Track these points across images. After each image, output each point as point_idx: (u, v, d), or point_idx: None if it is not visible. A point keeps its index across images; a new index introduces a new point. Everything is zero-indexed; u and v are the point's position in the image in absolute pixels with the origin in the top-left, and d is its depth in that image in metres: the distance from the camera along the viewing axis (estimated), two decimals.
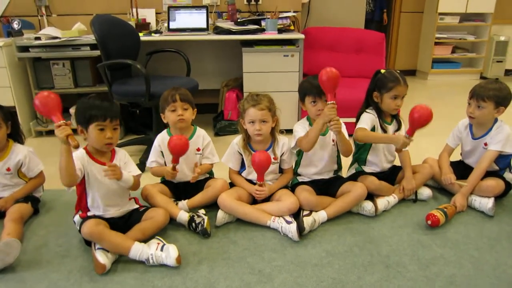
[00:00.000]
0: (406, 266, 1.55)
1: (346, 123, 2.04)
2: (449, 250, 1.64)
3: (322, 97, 1.84)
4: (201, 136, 1.98)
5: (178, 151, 1.74)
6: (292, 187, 1.99)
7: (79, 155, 1.63)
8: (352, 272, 1.52)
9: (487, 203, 1.89)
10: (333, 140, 1.95)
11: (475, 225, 1.83)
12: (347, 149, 1.89)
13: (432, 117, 1.72)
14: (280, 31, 3.06)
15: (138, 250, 1.55)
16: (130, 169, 1.76)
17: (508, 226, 1.82)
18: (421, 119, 1.72)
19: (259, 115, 1.81)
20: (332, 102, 1.70)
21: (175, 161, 1.79)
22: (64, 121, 1.47)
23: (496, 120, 1.98)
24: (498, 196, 1.96)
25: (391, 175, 2.09)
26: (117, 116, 1.62)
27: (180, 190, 1.98)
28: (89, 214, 1.67)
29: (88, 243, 1.65)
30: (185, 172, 1.96)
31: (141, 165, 2.43)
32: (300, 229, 1.70)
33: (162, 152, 1.95)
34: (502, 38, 5.07)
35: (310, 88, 1.87)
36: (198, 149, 1.96)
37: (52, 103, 1.49)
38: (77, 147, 1.47)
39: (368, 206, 1.88)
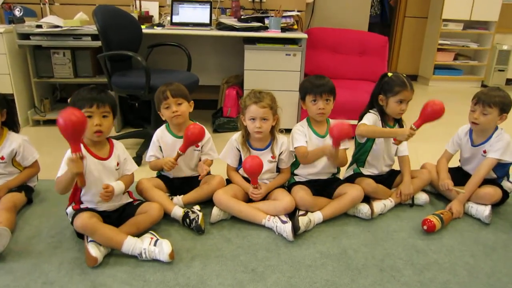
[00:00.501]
0: (400, 271, 1.54)
1: None
2: (444, 256, 1.63)
3: (323, 95, 1.84)
4: None
5: (194, 139, 1.77)
6: (289, 186, 1.97)
7: None
8: (346, 275, 1.51)
9: (483, 211, 1.88)
10: None
11: (471, 232, 1.82)
12: (341, 162, 1.96)
13: (443, 112, 1.75)
14: (283, 29, 3.05)
15: (131, 245, 1.53)
16: (128, 167, 1.73)
17: (504, 234, 1.81)
18: (433, 115, 1.75)
19: (261, 112, 1.80)
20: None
21: (184, 149, 1.78)
22: (80, 154, 1.40)
23: (496, 127, 1.97)
24: (495, 204, 1.95)
25: (388, 179, 2.08)
26: (105, 102, 1.57)
27: (176, 185, 1.96)
28: (82, 206, 1.65)
29: (80, 235, 1.63)
30: (182, 168, 1.94)
31: (138, 159, 2.42)
32: (295, 228, 1.69)
33: (160, 147, 1.93)
34: (505, 47, 5.06)
35: (311, 87, 1.87)
36: (197, 146, 1.94)
37: (79, 128, 1.36)
38: (83, 186, 1.50)
39: (364, 209, 1.87)
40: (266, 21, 3.08)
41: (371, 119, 1.95)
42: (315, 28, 3.71)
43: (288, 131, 2.02)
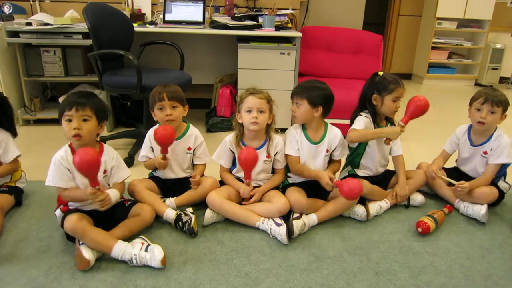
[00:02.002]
0: (396, 274, 1.52)
1: (340, 125, 2.00)
2: (440, 259, 1.62)
3: (293, 98, 1.86)
4: (194, 135, 1.92)
5: (164, 141, 1.75)
6: (283, 188, 1.94)
7: (63, 156, 1.56)
8: (341, 278, 1.48)
9: (480, 209, 1.87)
10: (327, 151, 1.90)
11: (467, 233, 1.81)
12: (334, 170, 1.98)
13: (428, 107, 1.89)
14: (277, 28, 3.02)
15: (121, 250, 1.49)
16: (121, 174, 1.66)
17: (500, 235, 1.80)
18: (419, 110, 1.89)
19: (257, 103, 1.77)
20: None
21: (164, 151, 1.77)
22: (99, 187, 1.48)
23: (495, 128, 1.96)
24: (491, 204, 1.95)
25: (384, 180, 2.06)
26: (85, 106, 1.51)
27: (168, 186, 1.92)
28: (70, 208, 1.61)
29: (70, 237, 1.59)
30: (174, 170, 1.91)
31: (130, 159, 2.38)
32: (290, 232, 1.66)
33: (152, 148, 1.89)
34: (498, 46, 5.08)
35: (293, 90, 1.88)
36: (189, 148, 1.91)
37: (96, 165, 1.45)
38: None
39: (359, 210, 1.85)
40: (260, 19, 3.05)
41: (362, 122, 1.93)
42: (309, 26, 3.67)
43: (282, 130, 1.99)
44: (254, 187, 1.87)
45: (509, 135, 1.96)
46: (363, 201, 1.91)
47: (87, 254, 1.46)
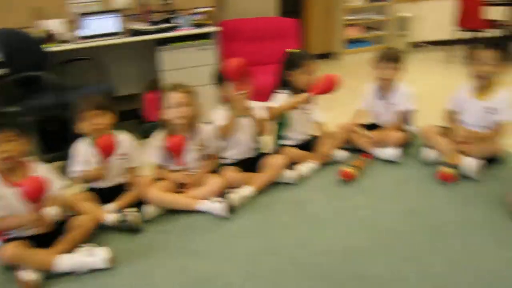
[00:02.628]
0: (325, 217, 1.74)
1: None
2: (364, 198, 1.84)
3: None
4: (124, 141, 1.93)
5: (108, 150, 1.80)
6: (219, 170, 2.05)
7: None
8: (284, 236, 1.64)
9: (390, 151, 2.12)
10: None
11: (383, 174, 2.06)
12: (260, 130, 2.08)
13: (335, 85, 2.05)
14: (197, 26, 3.10)
15: (64, 262, 1.49)
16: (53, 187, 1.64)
17: (413, 169, 2.08)
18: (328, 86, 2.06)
19: (178, 97, 1.86)
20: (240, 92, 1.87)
21: (106, 160, 1.81)
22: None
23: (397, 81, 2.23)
24: (403, 146, 2.19)
25: (309, 144, 2.23)
26: (2, 128, 1.51)
27: (106, 195, 1.89)
28: (8, 237, 1.57)
29: (12, 267, 1.52)
30: (109, 177, 1.91)
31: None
32: (230, 206, 1.77)
33: (83, 160, 1.87)
34: (404, 15, 5.57)
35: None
36: (121, 154, 1.92)
37: (42, 191, 1.46)
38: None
39: (289, 173, 2.01)
40: (178, 21, 3.12)
41: (279, 99, 2.11)
42: (228, 20, 3.79)
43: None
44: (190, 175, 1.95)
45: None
46: (292, 165, 2.07)
47: (27, 275, 1.44)
